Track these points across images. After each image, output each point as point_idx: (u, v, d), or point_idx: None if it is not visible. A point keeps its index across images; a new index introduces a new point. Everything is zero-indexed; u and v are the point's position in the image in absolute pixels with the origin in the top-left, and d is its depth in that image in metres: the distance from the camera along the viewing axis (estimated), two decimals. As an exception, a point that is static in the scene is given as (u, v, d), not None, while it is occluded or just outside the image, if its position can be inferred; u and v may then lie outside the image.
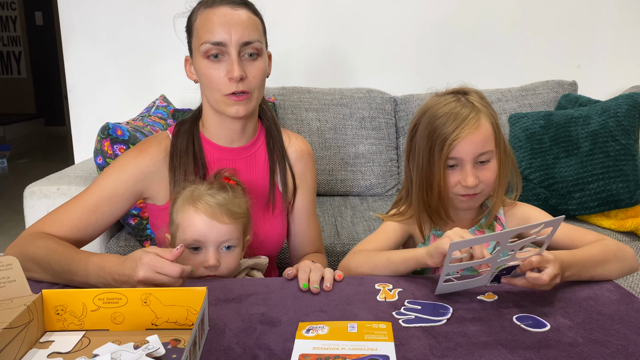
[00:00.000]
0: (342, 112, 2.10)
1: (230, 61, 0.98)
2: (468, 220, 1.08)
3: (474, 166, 0.98)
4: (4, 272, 0.79)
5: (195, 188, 0.97)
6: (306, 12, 2.27)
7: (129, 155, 1.06)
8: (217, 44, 0.98)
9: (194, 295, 0.73)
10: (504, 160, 1.02)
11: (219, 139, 1.09)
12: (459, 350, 0.69)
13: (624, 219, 1.71)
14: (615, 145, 1.76)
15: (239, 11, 1.00)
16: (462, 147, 0.96)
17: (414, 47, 2.33)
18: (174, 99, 2.10)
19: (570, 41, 2.35)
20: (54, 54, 6.25)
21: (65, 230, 0.98)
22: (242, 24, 0.99)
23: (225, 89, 0.99)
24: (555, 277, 0.81)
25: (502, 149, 1.01)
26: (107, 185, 1.02)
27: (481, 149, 0.97)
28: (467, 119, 0.96)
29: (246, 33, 0.99)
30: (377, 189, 2.10)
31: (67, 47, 2.24)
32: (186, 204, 0.95)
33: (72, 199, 1.02)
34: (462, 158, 0.97)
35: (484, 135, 0.97)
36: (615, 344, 0.71)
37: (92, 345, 0.70)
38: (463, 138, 0.95)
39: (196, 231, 0.93)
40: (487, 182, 0.99)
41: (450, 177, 0.99)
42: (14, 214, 3.51)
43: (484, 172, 0.99)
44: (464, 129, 0.96)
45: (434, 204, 1.02)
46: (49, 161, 5.12)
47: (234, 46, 0.98)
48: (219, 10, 0.99)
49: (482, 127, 0.97)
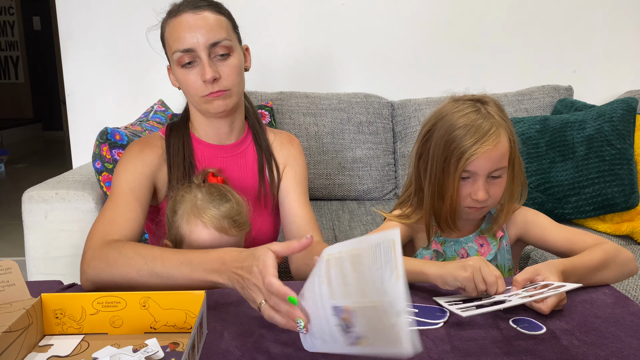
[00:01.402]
0: (339, 116, 2.11)
1: (201, 64, 1.00)
2: (470, 226, 1.09)
3: (486, 180, 0.97)
4: (3, 276, 0.79)
5: (195, 197, 0.95)
6: (303, 16, 2.28)
7: (134, 150, 1.06)
8: (187, 50, 1.00)
9: (193, 299, 0.73)
10: (516, 174, 1.02)
11: (208, 137, 1.11)
12: (455, 353, 0.69)
13: (620, 222, 1.72)
14: (610, 150, 1.77)
15: (202, 14, 1.01)
16: (479, 163, 0.95)
17: (411, 52, 2.34)
18: (172, 104, 2.11)
19: (566, 46, 2.37)
20: (51, 59, 6.26)
21: (126, 227, 0.95)
22: (207, 26, 1.00)
23: (201, 91, 1.02)
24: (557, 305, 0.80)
25: (516, 163, 1.01)
26: (129, 178, 1.01)
27: (497, 165, 0.96)
28: (487, 134, 0.94)
29: (212, 34, 1.00)
30: (374, 193, 2.10)
31: (66, 52, 2.25)
32: (192, 216, 0.94)
33: (107, 204, 0.99)
34: (476, 172, 0.96)
35: (502, 151, 0.96)
36: (610, 347, 0.71)
37: (91, 348, 0.70)
38: (481, 154, 0.94)
39: (204, 245, 0.93)
40: (495, 197, 0.99)
41: (462, 189, 0.98)
42: (12, 218, 3.50)
43: (494, 187, 0.98)
44: (483, 144, 0.94)
45: (444, 213, 1.01)
46: (46, 166, 5.12)
47: (202, 49, 1.00)
48: (183, 18, 1.01)
49: (501, 144, 0.96)
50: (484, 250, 1.06)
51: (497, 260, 1.07)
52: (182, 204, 0.96)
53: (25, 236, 1.58)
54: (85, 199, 1.56)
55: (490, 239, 1.07)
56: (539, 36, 2.35)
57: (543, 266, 0.83)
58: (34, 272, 1.60)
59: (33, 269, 1.60)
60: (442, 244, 1.08)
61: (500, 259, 1.07)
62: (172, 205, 0.98)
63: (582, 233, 1.02)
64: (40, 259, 1.59)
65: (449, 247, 1.07)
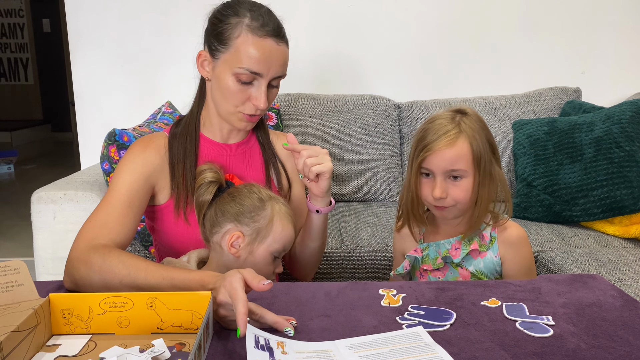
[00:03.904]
0: (346, 118, 2.11)
1: (259, 90, 1.02)
2: (454, 229, 1.13)
3: (444, 180, 1.04)
4: (11, 275, 0.80)
5: (277, 200, 1.02)
6: (310, 19, 2.29)
7: (135, 151, 1.07)
8: (255, 73, 1.00)
9: (199, 300, 0.74)
10: (486, 184, 1.05)
11: (215, 135, 1.13)
12: (462, 355, 0.69)
13: (628, 225, 1.71)
14: (619, 152, 1.76)
15: (281, 47, 1.03)
16: (433, 160, 1.03)
17: (418, 54, 2.34)
18: (180, 106, 2.12)
19: (574, 48, 2.36)
20: (60, 61, 6.31)
21: (117, 232, 0.96)
22: (280, 60, 1.02)
23: (244, 108, 1.04)
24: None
25: (485, 172, 1.04)
26: (127, 180, 1.02)
27: (452, 166, 1.02)
28: (445, 134, 1.02)
29: (281, 69, 1.04)
30: (381, 195, 2.10)
31: (74, 54, 2.26)
32: (286, 222, 1.00)
33: (102, 204, 1.00)
34: (431, 169, 1.04)
35: (457, 153, 1.02)
36: (618, 350, 0.71)
37: (98, 348, 0.71)
38: (434, 151, 1.02)
39: (287, 243, 1.02)
40: (457, 199, 1.04)
41: (424, 186, 1.07)
42: (21, 219, 3.53)
43: (454, 188, 1.04)
44: (437, 143, 1.02)
45: (413, 208, 1.10)
46: (55, 167, 5.16)
47: (267, 79, 1.01)
48: (265, 42, 1.00)
49: (457, 147, 1.02)
50: (454, 253, 1.10)
51: (480, 266, 1.09)
52: (269, 207, 1.00)
53: (34, 236, 1.59)
54: (94, 199, 1.57)
55: (464, 246, 1.09)
56: (547, 38, 2.34)
57: None
58: (42, 272, 1.61)
59: (41, 269, 1.61)
60: (424, 249, 1.13)
61: (484, 266, 1.09)
62: (255, 205, 0.99)
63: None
64: (49, 259, 1.60)
65: (432, 250, 1.13)
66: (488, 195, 1.06)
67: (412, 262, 1.14)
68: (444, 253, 1.11)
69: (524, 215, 1.87)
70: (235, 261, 0.98)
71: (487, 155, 1.05)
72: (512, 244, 1.09)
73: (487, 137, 1.06)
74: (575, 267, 1.43)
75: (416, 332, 0.75)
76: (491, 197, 1.07)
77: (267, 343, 0.67)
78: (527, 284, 0.93)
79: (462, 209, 1.07)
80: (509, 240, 1.09)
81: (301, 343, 0.71)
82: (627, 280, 1.33)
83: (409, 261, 1.13)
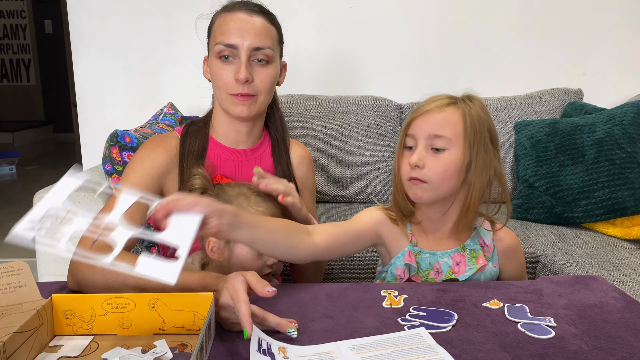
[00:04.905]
0: (347, 119, 2.11)
1: (239, 63, 1.03)
2: (452, 240, 1.01)
3: (426, 150, 0.93)
4: (14, 276, 0.80)
5: (240, 202, 0.96)
6: (312, 20, 2.29)
7: (145, 151, 1.07)
8: (229, 45, 1.02)
9: (201, 301, 0.74)
10: (479, 171, 0.93)
11: (226, 139, 1.13)
12: (463, 356, 0.69)
13: (630, 226, 1.70)
14: (620, 153, 1.76)
15: (254, 18, 1.04)
16: (418, 123, 0.94)
17: (419, 55, 2.34)
18: (182, 107, 2.12)
19: (576, 49, 2.36)
20: (63, 62, 6.32)
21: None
22: (255, 30, 1.03)
23: (231, 88, 1.04)
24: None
25: (478, 155, 0.93)
26: (136, 179, 1.03)
27: (435, 130, 0.92)
28: (438, 100, 0.95)
29: (258, 39, 1.03)
30: (382, 196, 2.10)
31: (77, 55, 2.27)
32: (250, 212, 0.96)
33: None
34: (416, 135, 0.94)
35: (445, 119, 0.92)
36: (620, 352, 0.71)
37: (100, 349, 0.71)
38: (421, 114, 0.94)
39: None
40: (435, 172, 0.91)
41: (404, 159, 0.96)
42: (22, 220, 3.53)
43: (434, 161, 0.92)
44: (427, 106, 0.94)
45: (398, 195, 1.00)
46: (57, 168, 5.16)
47: (244, 50, 1.02)
48: (236, 15, 1.04)
49: (447, 113, 0.93)
50: (458, 269, 0.98)
51: (480, 280, 1.00)
52: (234, 201, 0.96)
53: (36, 237, 1.60)
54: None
55: (470, 261, 0.98)
56: (548, 39, 2.34)
57: None
58: (45, 273, 1.61)
59: (44, 270, 1.62)
60: (417, 255, 0.99)
61: (484, 279, 1.00)
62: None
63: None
64: (51, 260, 1.61)
65: (424, 259, 0.99)
66: (480, 186, 0.93)
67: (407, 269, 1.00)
68: (447, 275, 0.98)
69: (526, 217, 1.87)
70: (227, 264, 0.97)
71: (484, 138, 0.93)
72: (512, 251, 1.04)
73: (488, 124, 0.95)
74: (577, 269, 1.43)
75: (418, 333, 0.75)
76: (483, 188, 0.94)
77: (269, 348, 0.67)
78: (529, 285, 0.93)
79: (437, 192, 0.93)
80: (509, 248, 1.03)
81: (303, 347, 0.71)
82: (629, 281, 1.33)
83: (405, 269, 0.99)
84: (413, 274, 0.99)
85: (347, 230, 0.98)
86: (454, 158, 0.92)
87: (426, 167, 0.92)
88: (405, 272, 0.98)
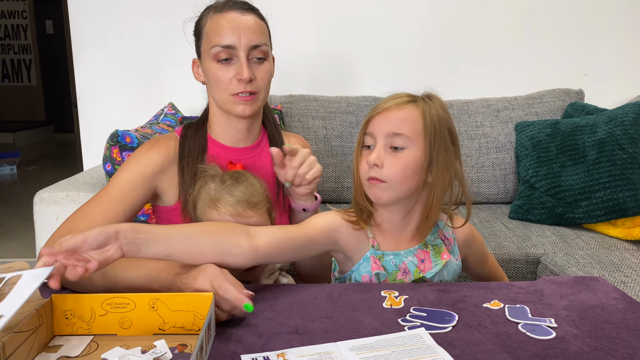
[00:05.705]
0: (348, 119, 2.11)
1: (239, 64, 1.03)
2: (414, 239, 0.99)
3: (385, 149, 0.90)
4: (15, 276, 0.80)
5: (209, 188, 0.97)
6: (312, 20, 2.29)
7: (142, 150, 1.08)
8: (227, 47, 1.02)
9: (201, 301, 0.74)
10: (440, 171, 0.91)
11: (225, 138, 1.13)
12: (464, 357, 0.69)
13: (631, 227, 1.70)
14: (622, 154, 1.75)
15: (247, 16, 1.05)
16: (376, 121, 0.92)
17: (420, 56, 2.34)
18: (182, 107, 2.12)
19: (577, 49, 2.36)
20: (63, 62, 6.33)
21: (97, 224, 0.93)
22: (250, 28, 1.03)
23: (233, 89, 1.04)
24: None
25: (439, 156, 0.91)
26: (126, 177, 1.03)
27: (394, 128, 0.89)
28: (397, 98, 0.93)
29: (254, 37, 1.03)
30: (383, 196, 2.10)
31: (77, 56, 2.27)
32: (207, 208, 0.95)
33: (95, 197, 1.02)
34: (374, 134, 0.91)
35: (404, 117, 0.90)
36: (621, 353, 0.70)
37: (100, 349, 0.71)
38: (380, 112, 0.91)
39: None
40: (394, 171, 0.89)
41: (363, 159, 0.94)
42: (23, 220, 3.53)
43: (393, 160, 0.90)
44: (386, 104, 0.92)
45: (358, 195, 0.97)
46: (58, 168, 5.17)
47: (243, 49, 1.03)
48: (228, 15, 1.04)
49: (407, 111, 0.91)
50: (424, 266, 0.97)
51: (443, 275, 0.99)
52: (199, 199, 0.98)
53: (37, 237, 1.60)
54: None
55: (434, 256, 0.97)
56: (549, 39, 2.34)
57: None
58: (45, 273, 1.61)
59: (44, 270, 1.61)
60: (380, 258, 0.96)
61: (447, 274, 0.99)
62: (193, 202, 1.00)
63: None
64: (51, 260, 1.60)
65: (388, 261, 0.96)
66: (442, 187, 0.92)
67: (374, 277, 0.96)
68: (415, 274, 0.96)
69: (527, 217, 1.87)
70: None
71: (444, 138, 0.91)
72: (470, 239, 1.04)
73: (448, 124, 0.94)
74: (578, 270, 1.43)
75: (418, 334, 0.75)
76: (445, 189, 0.92)
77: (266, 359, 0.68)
78: (530, 286, 0.93)
79: (397, 192, 0.91)
80: (468, 236, 1.03)
81: (302, 347, 0.71)
82: (630, 282, 1.33)
83: (367, 275, 0.95)
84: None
85: (297, 234, 0.92)
86: (413, 157, 0.90)
87: (385, 167, 0.90)
88: (373, 280, 0.95)
